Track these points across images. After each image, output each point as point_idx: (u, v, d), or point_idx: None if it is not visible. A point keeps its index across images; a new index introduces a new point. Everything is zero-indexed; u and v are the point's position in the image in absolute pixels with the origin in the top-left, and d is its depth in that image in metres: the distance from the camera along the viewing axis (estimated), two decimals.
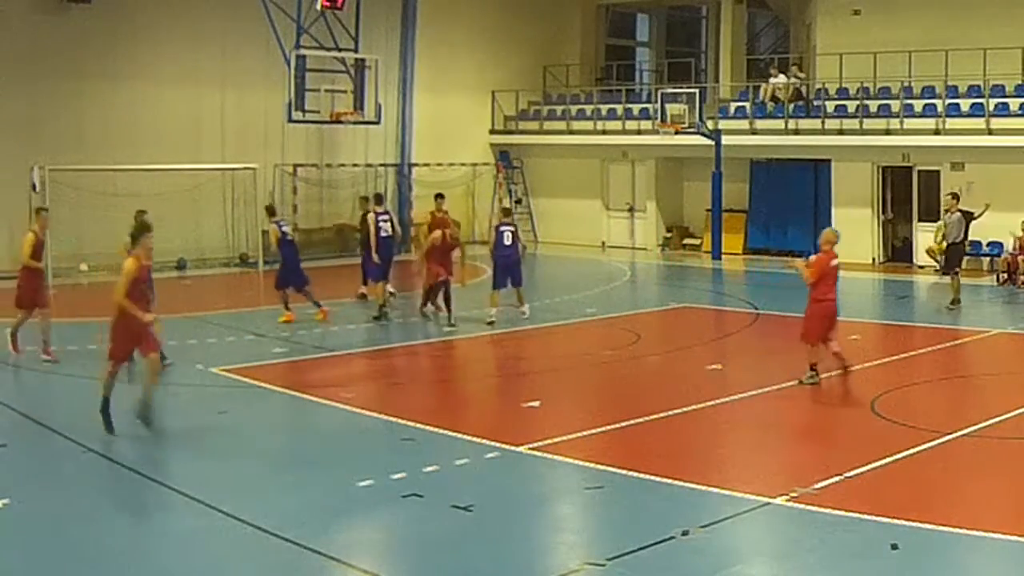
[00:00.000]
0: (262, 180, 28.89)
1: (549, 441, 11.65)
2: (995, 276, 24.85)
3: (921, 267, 26.63)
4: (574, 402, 14.40)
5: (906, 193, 28.14)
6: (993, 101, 26.07)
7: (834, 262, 14.56)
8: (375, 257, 20.08)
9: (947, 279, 21.38)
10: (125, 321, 11.95)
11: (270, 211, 20.54)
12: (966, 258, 23.25)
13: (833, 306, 14.56)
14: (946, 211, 21.69)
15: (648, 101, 31.98)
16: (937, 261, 24.01)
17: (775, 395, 13.96)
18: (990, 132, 25.86)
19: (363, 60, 28.73)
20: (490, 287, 19.57)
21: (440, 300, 19.43)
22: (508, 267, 19.40)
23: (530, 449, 11.40)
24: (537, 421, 12.90)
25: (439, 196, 21.60)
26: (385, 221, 20.47)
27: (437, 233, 19.16)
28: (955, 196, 21.38)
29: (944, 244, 21.70)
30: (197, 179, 27.50)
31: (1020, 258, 24.17)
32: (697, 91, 29.83)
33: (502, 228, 19.62)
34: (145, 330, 12.06)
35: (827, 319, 14.49)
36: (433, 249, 19.13)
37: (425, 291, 19.68)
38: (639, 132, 32.14)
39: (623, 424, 12.51)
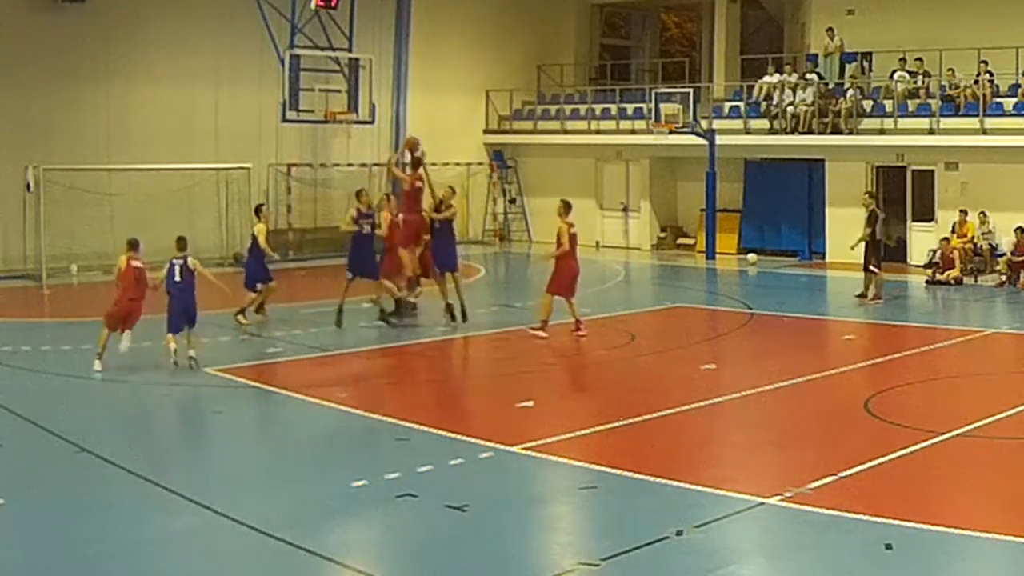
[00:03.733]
0: (256, 180, 28.87)
1: (543, 441, 11.64)
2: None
3: (917, 267, 26.61)
4: (568, 402, 14.42)
5: (900, 193, 28.17)
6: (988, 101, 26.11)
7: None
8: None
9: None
10: None
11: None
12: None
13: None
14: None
15: (642, 101, 31.98)
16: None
17: (769, 395, 13.97)
18: (984, 132, 25.89)
19: (357, 59, 28.78)
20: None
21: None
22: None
23: (524, 449, 11.39)
24: (531, 421, 12.89)
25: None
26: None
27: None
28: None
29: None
30: (191, 179, 27.48)
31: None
32: (691, 91, 29.86)
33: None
34: None
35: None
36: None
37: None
38: (633, 132, 32.13)
39: (617, 424, 12.50)
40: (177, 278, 15.56)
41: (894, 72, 27.81)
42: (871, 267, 21.70)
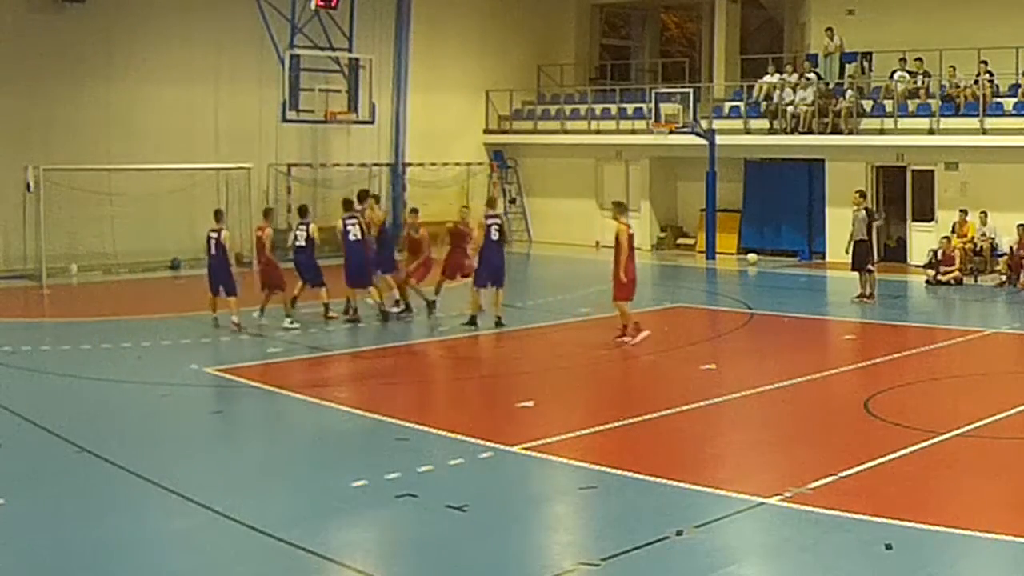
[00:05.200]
0: (256, 180, 28.87)
1: (543, 441, 11.64)
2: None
3: (917, 267, 26.59)
4: (568, 402, 14.40)
5: (900, 193, 28.17)
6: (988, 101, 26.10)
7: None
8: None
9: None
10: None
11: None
12: None
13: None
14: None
15: (642, 101, 31.98)
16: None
17: (769, 395, 13.96)
18: (984, 132, 25.89)
19: (357, 59, 28.80)
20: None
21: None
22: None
23: (524, 449, 11.39)
24: (531, 421, 12.89)
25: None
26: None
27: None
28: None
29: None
30: (191, 179, 27.47)
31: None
32: (691, 91, 29.85)
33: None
34: None
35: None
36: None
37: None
38: (633, 132, 32.12)
39: (617, 424, 12.50)
40: (213, 251, 18.02)
41: (894, 72, 27.81)
42: (870, 266, 21.68)
